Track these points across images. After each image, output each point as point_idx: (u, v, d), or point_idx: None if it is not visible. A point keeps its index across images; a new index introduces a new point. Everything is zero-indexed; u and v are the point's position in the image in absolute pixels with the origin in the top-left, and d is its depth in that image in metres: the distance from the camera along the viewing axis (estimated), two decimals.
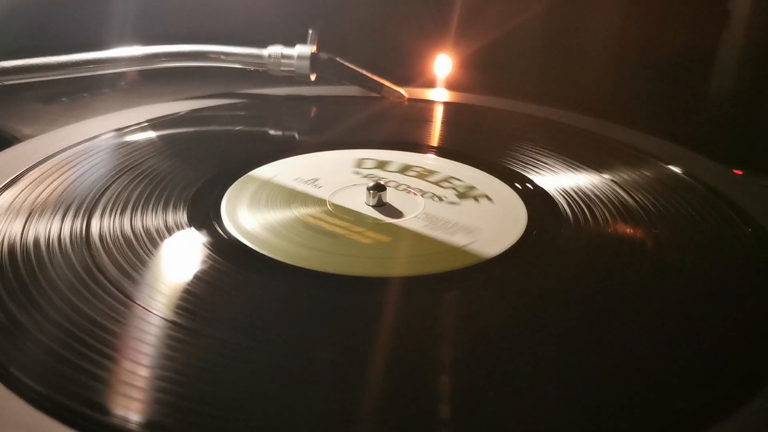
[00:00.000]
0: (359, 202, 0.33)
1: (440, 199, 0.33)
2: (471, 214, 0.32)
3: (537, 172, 0.37)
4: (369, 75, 0.51)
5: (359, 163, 0.38)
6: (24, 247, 0.27)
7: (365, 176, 0.36)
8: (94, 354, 0.21)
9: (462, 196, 0.33)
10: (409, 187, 0.35)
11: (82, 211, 0.30)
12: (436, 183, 0.35)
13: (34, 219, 0.29)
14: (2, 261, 0.26)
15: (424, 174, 0.36)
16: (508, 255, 0.28)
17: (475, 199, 0.33)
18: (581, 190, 0.35)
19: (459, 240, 0.29)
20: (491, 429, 0.19)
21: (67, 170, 0.34)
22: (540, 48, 0.63)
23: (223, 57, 0.50)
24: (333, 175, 0.36)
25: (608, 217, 0.32)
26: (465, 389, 0.21)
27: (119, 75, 0.53)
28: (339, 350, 0.22)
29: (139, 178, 0.34)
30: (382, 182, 0.33)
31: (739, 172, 0.39)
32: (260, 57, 0.50)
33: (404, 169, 0.37)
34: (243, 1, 0.62)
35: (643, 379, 0.21)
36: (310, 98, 0.51)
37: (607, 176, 0.36)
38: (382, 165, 0.38)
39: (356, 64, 0.51)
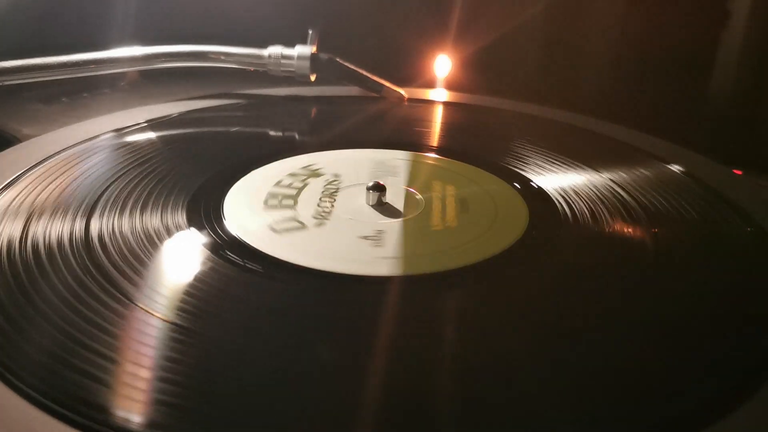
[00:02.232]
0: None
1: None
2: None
3: (537, 172, 0.37)
4: (369, 75, 0.51)
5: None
6: (24, 247, 0.27)
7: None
8: (94, 354, 0.21)
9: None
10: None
11: (81, 212, 0.30)
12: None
13: (34, 219, 0.29)
14: (2, 261, 0.26)
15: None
16: (507, 255, 0.28)
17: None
18: (581, 190, 0.35)
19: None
20: (491, 429, 0.19)
21: (67, 170, 0.34)
22: (540, 48, 0.63)
23: (223, 57, 0.50)
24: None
25: (608, 217, 0.32)
26: (465, 389, 0.21)
27: (119, 75, 0.53)
28: (340, 350, 0.22)
29: (139, 178, 0.34)
30: (381, 182, 0.33)
31: (739, 172, 0.39)
32: (260, 57, 0.50)
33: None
34: (243, 1, 0.62)
35: (642, 378, 0.21)
36: (310, 98, 0.51)
37: (607, 176, 0.36)
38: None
39: (356, 64, 0.51)
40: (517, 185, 0.35)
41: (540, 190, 0.35)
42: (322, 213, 0.32)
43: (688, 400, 0.20)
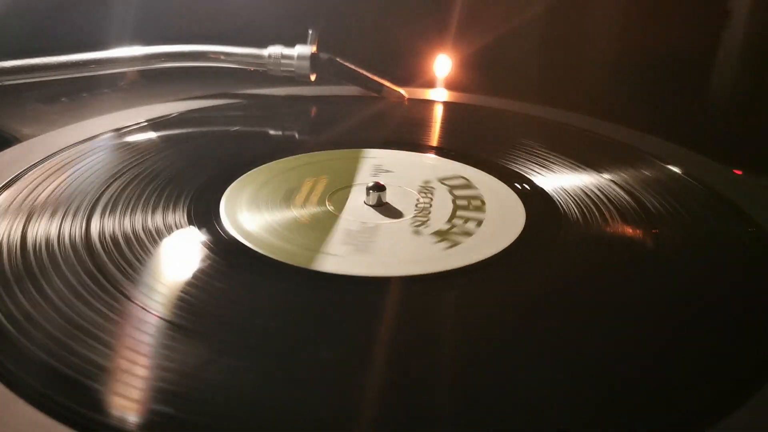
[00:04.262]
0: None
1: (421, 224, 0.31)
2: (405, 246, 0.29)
3: (537, 172, 0.37)
4: (369, 75, 0.51)
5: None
6: (23, 247, 0.27)
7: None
8: (94, 354, 0.21)
9: (441, 236, 0.30)
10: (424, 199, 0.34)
11: (81, 211, 0.30)
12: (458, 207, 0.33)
13: (34, 219, 0.29)
14: (2, 261, 0.26)
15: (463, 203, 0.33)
16: (507, 255, 0.28)
17: (453, 244, 0.29)
18: (581, 190, 0.35)
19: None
20: (491, 429, 0.19)
21: (68, 170, 0.34)
22: (540, 48, 0.63)
23: (223, 57, 0.50)
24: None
25: (608, 217, 0.32)
26: (464, 389, 0.21)
27: (119, 75, 0.53)
28: (339, 350, 0.22)
29: (138, 178, 0.34)
30: (381, 182, 0.33)
31: (739, 172, 0.39)
32: (260, 57, 0.50)
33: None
34: (243, 1, 0.62)
35: (642, 378, 0.21)
36: (310, 98, 0.51)
37: (607, 176, 0.36)
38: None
39: (356, 64, 0.51)
40: (517, 185, 0.35)
41: (540, 190, 0.35)
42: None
43: (688, 400, 0.20)
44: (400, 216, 0.32)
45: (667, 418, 0.20)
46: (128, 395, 0.19)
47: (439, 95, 0.54)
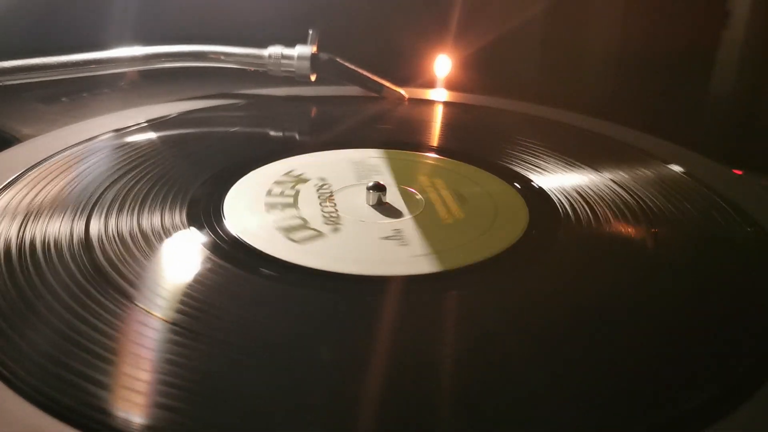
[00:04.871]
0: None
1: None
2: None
3: (537, 172, 0.37)
4: (369, 75, 0.51)
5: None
6: (23, 247, 0.27)
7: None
8: (94, 355, 0.21)
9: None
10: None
11: (81, 212, 0.30)
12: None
13: (34, 219, 0.29)
14: (1, 261, 0.26)
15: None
16: (507, 255, 0.28)
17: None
18: (581, 190, 0.35)
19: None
20: (491, 429, 0.19)
21: (67, 170, 0.34)
22: (540, 48, 0.63)
23: (223, 57, 0.50)
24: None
25: (608, 217, 0.32)
26: (465, 389, 0.21)
27: (119, 75, 0.53)
28: (341, 351, 0.22)
29: (139, 178, 0.34)
30: (381, 182, 0.33)
31: (739, 172, 0.39)
32: (260, 57, 0.50)
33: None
34: (243, 1, 0.62)
35: (642, 378, 0.21)
36: (310, 98, 0.51)
37: (607, 176, 0.36)
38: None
39: (356, 64, 0.51)
40: (517, 185, 0.35)
41: (540, 190, 0.35)
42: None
43: (688, 400, 0.20)
44: (401, 215, 0.32)
45: (667, 418, 0.20)
46: (129, 395, 0.19)
47: (439, 95, 0.54)
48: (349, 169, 0.37)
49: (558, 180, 0.36)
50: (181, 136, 0.42)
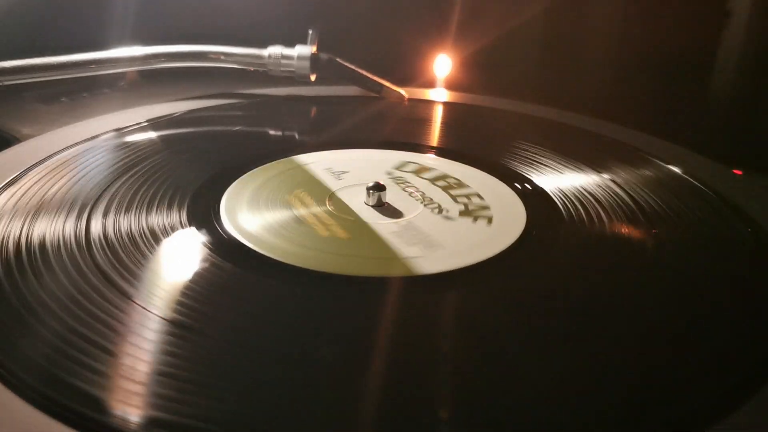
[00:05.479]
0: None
1: (440, 210, 0.32)
2: (456, 232, 0.30)
3: (537, 172, 0.37)
4: (369, 75, 0.51)
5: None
6: (24, 247, 0.27)
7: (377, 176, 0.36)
8: (94, 354, 0.21)
9: (465, 214, 0.32)
10: (416, 190, 0.34)
11: (81, 211, 0.30)
12: (455, 196, 0.34)
13: (34, 219, 0.29)
14: (2, 261, 0.26)
15: (450, 186, 0.35)
16: (507, 255, 0.28)
17: (475, 219, 0.31)
18: (581, 190, 0.35)
19: (410, 251, 0.28)
20: (491, 429, 0.19)
21: (67, 170, 0.34)
22: (540, 48, 0.63)
23: (223, 57, 0.50)
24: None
25: (608, 217, 0.32)
26: (465, 389, 0.21)
27: (119, 75, 0.53)
28: (338, 350, 0.22)
29: (138, 178, 0.34)
30: (381, 182, 0.33)
31: (739, 172, 0.39)
32: (260, 57, 0.50)
33: (421, 172, 0.37)
34: (243, 1, 0.62)
35: (643, 378, 0.21)
36: (310, 98, 0.51)
37: (606, 176, 0.36)
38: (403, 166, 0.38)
39: (356, 64, 0.51)
40: (518, 185, 0.35)
41: (540, 190, 0.35)
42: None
43: (688, 400, 0.20)
44: (401, 216, 0.32)
45: (668, 418, 0.20)
46: (128, 396, 0.19)
47: (439, 95, 0.54)
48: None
49: (558, 180, 0.36)
50: (181, 136, 0.42)
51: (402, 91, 0.51)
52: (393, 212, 0.32)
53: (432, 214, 0.32)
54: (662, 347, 0.23)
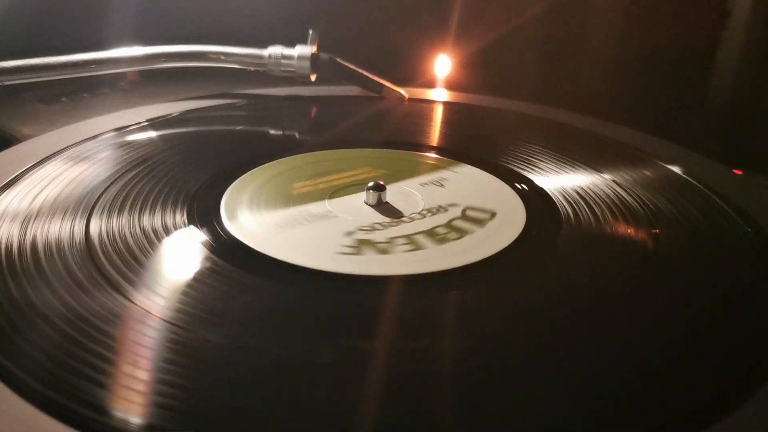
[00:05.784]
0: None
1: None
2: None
3: (537, 172, 0.37)
4: (369, 75, 0.51)
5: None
6: (24, 247, 0.27)
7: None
8: (94, 354, 0.21)
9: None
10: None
11: (81, 212, 0.30)
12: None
13: (34, 219, 0.29)
14: (1, 261, 0.26)
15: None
16: (507, 255, 0.28)
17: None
18: (581, 190, 0.35)
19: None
20: (491, 429, 0.19)
21: (67, 170, 0.34)
22: (540, 48, 0.63)
23: (223, 57, 0.50)
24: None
25: (608, 217, 0.32)
26: (464, 389, 0.21)
27: (119, 75, 0.53)
28: (340, 350, 0.22)
29: (138, 178, 0.34)
30: (381, 182, 0.33)
31: (739, 172, 0.39)
32: (260, 57, 0.50)
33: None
34: (243, 1, 0.62)
35: (642, 378, 0.21)
36: (310, 98, 0.51)
37: (607, 176, 0.36)
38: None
39: (356, 64, 0.51)
40: (518, 185, 0.35)
41: (540, 190, 0.35)
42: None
43: (688, 400, 0.20)
44: (401, 216, 0.32)
45: (668, 417, 0.20)
46: (129, 395, 0.19)
47: (439, 95, 0.54)
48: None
49: (558, 180, 0.36)
50: (182, 136, 0.42)
51: (402, 91, 0.51)
52: (393, 212, 0.32)
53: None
54: (662, 347, 0.23)
